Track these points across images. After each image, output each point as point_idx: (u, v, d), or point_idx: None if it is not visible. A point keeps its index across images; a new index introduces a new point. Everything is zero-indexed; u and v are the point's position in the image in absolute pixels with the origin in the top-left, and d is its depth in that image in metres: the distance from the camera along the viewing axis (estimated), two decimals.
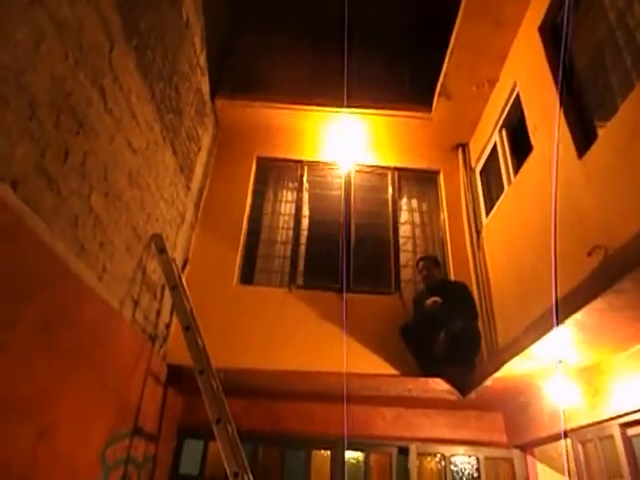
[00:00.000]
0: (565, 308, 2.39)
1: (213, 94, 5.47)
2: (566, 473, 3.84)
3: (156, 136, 3.84)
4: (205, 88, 5.19)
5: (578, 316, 2.37)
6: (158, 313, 4.03)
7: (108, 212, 3.10)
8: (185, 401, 4.50)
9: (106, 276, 3.09)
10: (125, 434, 3.31)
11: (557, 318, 2.40)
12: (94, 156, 2.89)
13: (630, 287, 2.07)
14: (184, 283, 4.08)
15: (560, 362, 3.15)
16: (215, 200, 5.38)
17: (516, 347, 3.04)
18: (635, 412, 2.86)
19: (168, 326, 4.31)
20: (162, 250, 3.81)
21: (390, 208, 5.59)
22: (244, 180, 5.64)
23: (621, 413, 2.97)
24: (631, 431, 3.03)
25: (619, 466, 3.05)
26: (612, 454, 3.13)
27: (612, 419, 3.07)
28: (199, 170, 5.13)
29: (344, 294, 4.89)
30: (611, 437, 3.14)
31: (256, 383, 4.27)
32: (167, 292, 4.00)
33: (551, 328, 2.53)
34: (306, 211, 5.63)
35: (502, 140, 5.01)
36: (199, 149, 5.06)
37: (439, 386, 4.39)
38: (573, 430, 3.50)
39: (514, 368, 3.32)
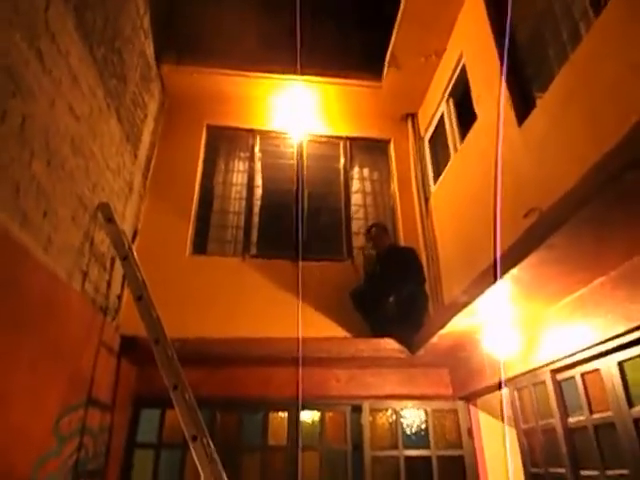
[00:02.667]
0: (503, 265, 2.57)
1: (158, 59, 5.27)
2: (505, 419, 4.18)
3: (100, 102, 3.69)
4: (149, 52, 4.99)
5: (515, 271, 2.56)
6: (109, 285, 3.96)
7: (51, 180, 2.99)
8: (140, 371, 4.49)
9: (52, 247, 3.00)
10: (79, 405, 3.29)
11: (495, 275, 2.57)
12: (34, 120, 2.76)
13: (559, 243, 2.25)
14: (134, 254, 4.02)
15: (498, 316, 3.38)
16: (164, 169, 5.26)
17: (459, 304, 3.23)
18: (564, 358, 3.14)
19: (120, 297, 4.25)
20: (110, 219, 3.72)
21: (342, 177, 5.68)
22: (194, 149, 5.53)
23: (552, 360, 3.25)
24: (560, 376, 3.33)
25: (550, 408, 3.36)
26: (544, 398, 3.44)
27: (544, 366, 3.36)
28: (146, 138, 4.98)
29: (299, 262, 4.99)
30: (543, 383, 3.44)
31: (213, 351, 4.32)
32: (117, 263, 3.93)
33: (491, 284, 2.71)
34: (259, 181, 5.62)
35: (449, 109, 5.16)
36: (145, 116, 4.90)
37: (390, 345, 4.60)
38: (510, 379, 3.80)
39: (458, 324, 3.54)
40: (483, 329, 3.67)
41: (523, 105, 3.46)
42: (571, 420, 3.20)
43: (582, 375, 3.11)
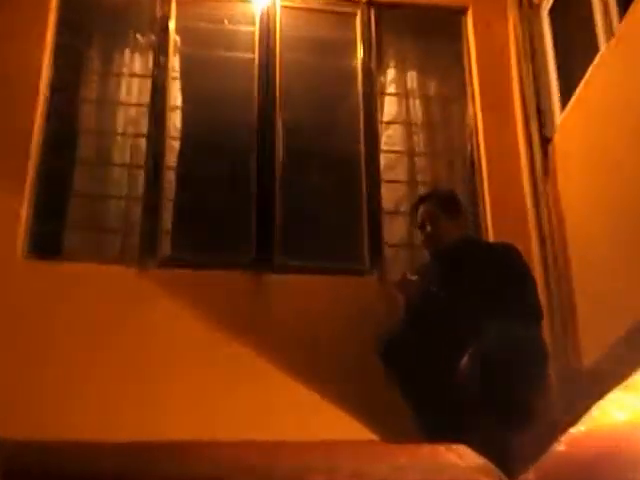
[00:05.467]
0: None
1: None
2: None
3: None
4: None
5: None
6: None
7: None
8: None
9: None
10: None
11: None
12: None
13: None
14: None
15: None
16: None
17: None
18: None
19: None
20: None
21: (360, 89, 2.61)
22: (33, 34, 2.51)
23: None
24: None
25: None
26: None
27: None
28: None
29: (265, 275, 2.41)
30: None
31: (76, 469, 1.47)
32: None
33: None
34: (177, 97, 2.59)
35: None
36: None
37: (463, 460, 1.74)
38: None
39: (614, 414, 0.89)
40: None
41: None
42: None
43: None
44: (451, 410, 1.82)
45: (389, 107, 2.60)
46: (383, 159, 2.53)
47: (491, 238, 2.45)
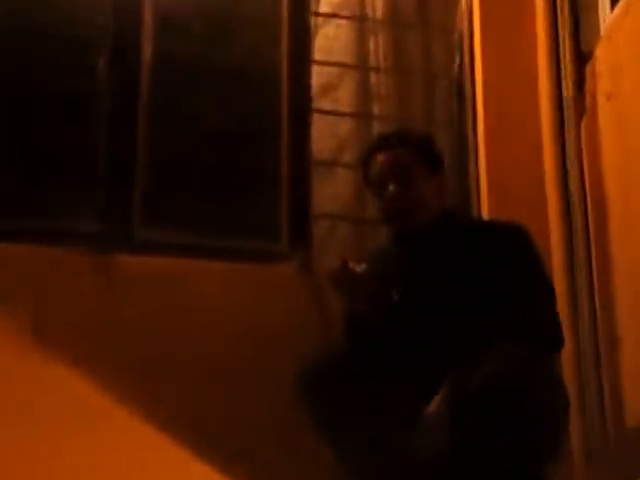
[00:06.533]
0: None
1: None
2: None
3: None
4: None
5: None
6: None
7: None
8: None
9: None
10: None
11: None
12: None
13: None
14: None
15: None
16: None
17: None
18: None
19: None
20: None
21: None
22: None
23: None
24: None
25: None
26: None
27: None
28: None
29: (117, 255, 1.47)
30: None
31: None
32: None
33: None
34: None
35: None
36: None
37: None
38: None
39: None
40: None
41: None
42: None
43: None
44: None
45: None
46: (316, 75, 1.55)
47: (486, 215, 1.53)
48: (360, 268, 1.07)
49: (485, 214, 1.50)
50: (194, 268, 1.47)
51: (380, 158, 1.13)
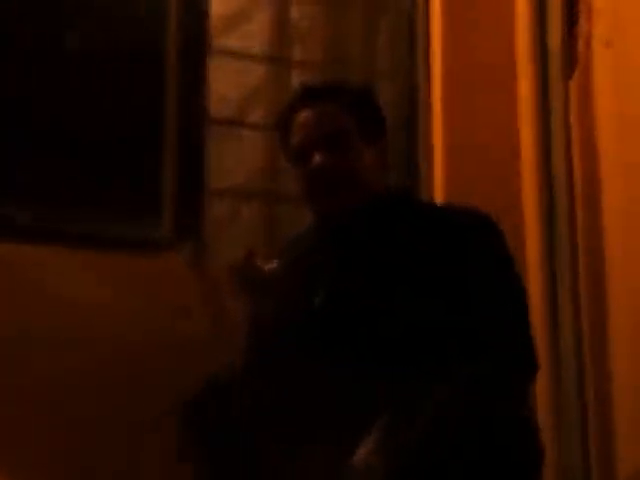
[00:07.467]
0: None
1: None
2: None
3: None
4: None
5: None
6: None
7: None
8: None
9: None
10: None
11: None
12: None
13: None
14: None
15: None
16: None
17: None
18: None
19: None
20: None
21: None
22: None
23: None
24: None
25: None
26: None
27: None
28: None
29: None
30: None
31: None
32: None
33: None
34: None
35: None
36: None
37: None
38: None
39: None
40: None
41: None
42: None
43: None
44: None
45: None
46: (218, 2, 1.17)
47: (440, 198, 1.20)
48: (271, 263, 0.94)
49: (439, 196, 1.17)
50: (36, 256, 1.09)
51: (302, 117, 0.93)
